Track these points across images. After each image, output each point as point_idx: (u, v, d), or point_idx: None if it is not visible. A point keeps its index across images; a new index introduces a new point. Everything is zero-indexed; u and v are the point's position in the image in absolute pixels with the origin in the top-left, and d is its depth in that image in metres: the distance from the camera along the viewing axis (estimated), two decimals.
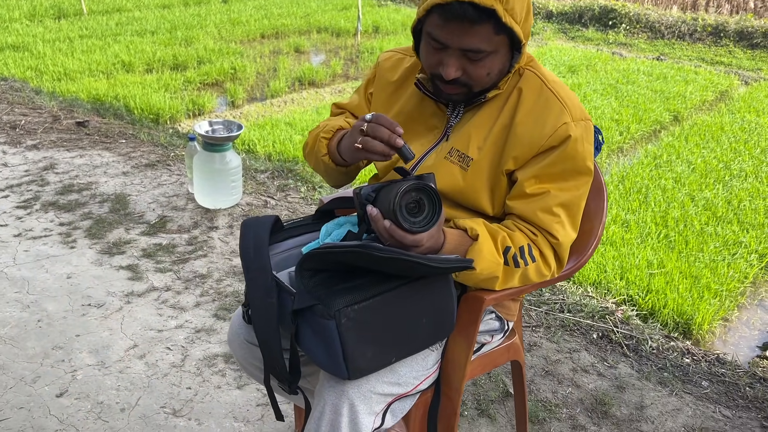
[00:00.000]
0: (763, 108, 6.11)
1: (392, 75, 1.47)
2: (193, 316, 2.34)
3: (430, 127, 1.40)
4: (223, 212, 3.10)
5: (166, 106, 5.14)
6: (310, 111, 5.49)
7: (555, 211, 1.28)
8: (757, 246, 3.58)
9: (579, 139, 1.28)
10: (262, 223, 1.35)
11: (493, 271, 1.25)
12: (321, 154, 1.40)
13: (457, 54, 1.22)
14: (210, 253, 2.76)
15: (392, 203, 1.09)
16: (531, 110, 1.30)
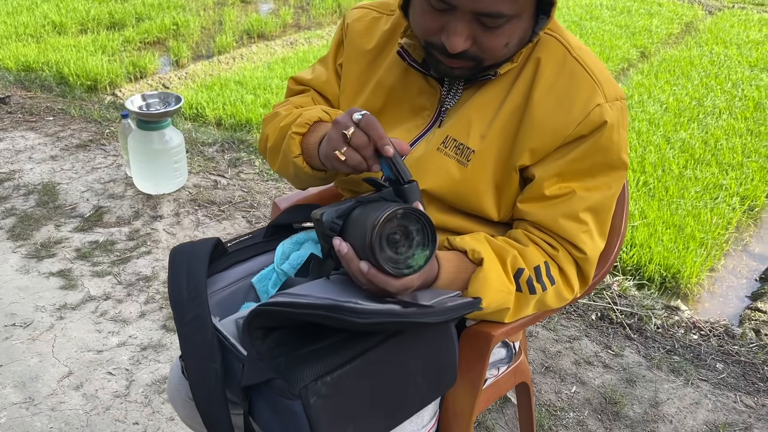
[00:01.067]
0: (729, 39, 5.96)
1: (367, 41, 1.13)
2: (137, 329, 2.03)
3: (417, 109, 1.08)
4: (167, 198, 2.75)
5: (104, 71, 4.68)
6: (261, 67, 5.11)
7: (581, 217, 1.00)
8: (737, 188, 3.49)
9: (615, 126, 0.98)
10: (197, 253, 1.03)
11: (504, 302, 0.98)
12: (293, 155, 1.04)
13: (467, 18, 0.90)
14: (154, 249, 2.42)
15: (369, 237, 0.78)
16: (553, 87, 0.99)
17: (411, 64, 1.04)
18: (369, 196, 0.89)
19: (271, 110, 1.20)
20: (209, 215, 2.64)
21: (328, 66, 1.20)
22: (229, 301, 1.10)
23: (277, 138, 1.10)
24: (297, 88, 1.23)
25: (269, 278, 1.12)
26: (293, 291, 0.86)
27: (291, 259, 1.10)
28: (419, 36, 0.98)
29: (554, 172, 1.00)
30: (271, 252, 1.16)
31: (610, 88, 0.99)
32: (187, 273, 0.99)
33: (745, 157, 3.79)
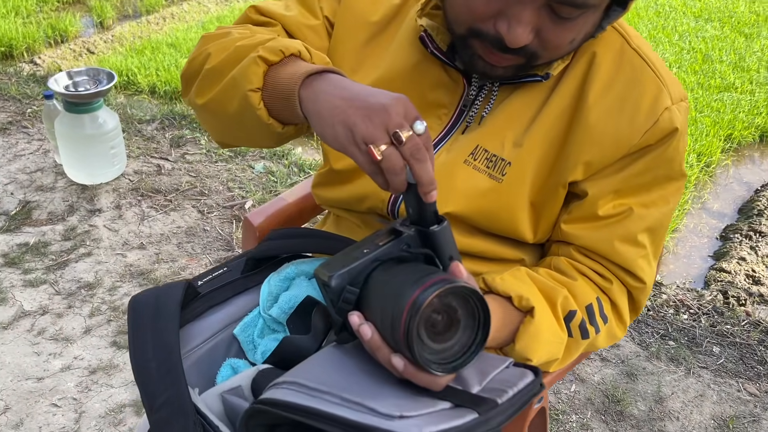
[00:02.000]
0: None
1: (372, 11, 0.90)
2: (83, 348, 1.79)
3: (430, 105, 0.88)
4: (105, 188, 2.45)
5: (20, 35, 4.26)
6: (195, 27, 4.76)
7: (640, 240, 0.85)
8: (693, 145, 3.46)
9: (683, 133, 0.83)
10: (164, 306, 0.81)
11: (554, 354, 0.83)
12: (248, 86, 0.73)
13: (538, 4, 0.70)
14: (95, 250, 2.15)
15: (404, 328, 0.58)
16: (610, 86, 0.82)
17: (433, 52, 0.83)
18: (388, 249, 0.68)
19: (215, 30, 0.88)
20: (155, 206, 2.38)
21: (314, 11, 0.92)
22: (208, 360, 0.89)
23: (225, 60, 0.78)
24: (259, 18, 0.91)
25: (254, 325, 0.92)
26: (298, 376, 0.67)
27: (281, 301, 0.90)
28: (460, 19, 0.76)
29: (611, 189, 0.84)
30: (253, 290, 0.95)
31: (675, 87, 0.83)
32: (153, 336, 0.78)
33: (698, 112, 3.77)
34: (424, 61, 0.87)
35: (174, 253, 2.15)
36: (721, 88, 4.11)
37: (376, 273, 0.66)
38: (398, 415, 0.59)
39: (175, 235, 2.23)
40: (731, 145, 3.60)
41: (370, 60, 0.90)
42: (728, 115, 3.76)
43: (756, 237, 2.91)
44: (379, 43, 0.90)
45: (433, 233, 0.67)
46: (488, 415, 0.62)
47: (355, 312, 0.65)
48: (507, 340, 0.81)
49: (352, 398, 0.62)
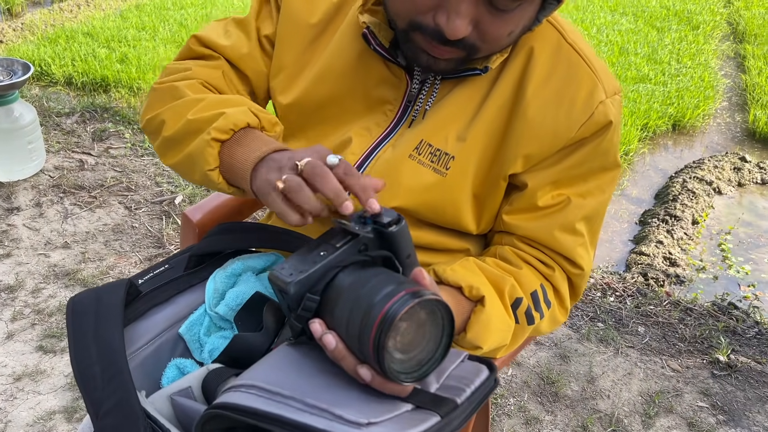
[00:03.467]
0: None
1: (309, 13, 0.90)
2: (6, 355, 1.69)
3: (376, 102, 0.89)
4: (23, 185, 2.32)
5: None
6: (113, 16, 4.57)
7: (578, 228, 0.88)
8: None
9: (617, 126, 0.86)
10: (105, 306, 0.78)
11: (503, 341, 0.85)
12: (207, 167, 0.79)
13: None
14: (15, 250, 2.04)
15: (373, 342, 0.58)
16: (548, 81, 0.84)
17: (377, 49, 0.84)
18: (346, 252, 0.66)
19: (164, 76, 0.92)
20: (78, 203, 2.27)
21: (250, 34, 0.94)
22: (153, 361, 0.86)
23: (181, 131, 0.83)
24: (201, 50, 0.95)
25: (200, 324, 0.90)
26: (256, 378, 0.65)
27: (228, 298, 0.88)
28: (401, 13, 0.77)
29: (549, 180, 0.86)
30: (198, 288, 0.93)
31: (609, 81, 0.86)
32: (95, 339, 0.75)
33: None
34: (366, 57, 0.87)
35: (101, 252, 2.06)
36: (636, 80, 4.29)
37: (337, 279, 0.65)
38: (365, 422, 0.59)
39: (102, 233, 2.14)
40: (647, 133, 3.77)
41: (313, 59, 0.90)
42: (644, 105, 3.93)
43: (671, 221, 3.06)
44: (321, 42, 0.90)
45: (392, 234, 0.67)
46: (450, 417, 0.63)
47: (317, 320, 0.64)
48: (459, 330, 0.82)
49: (317, 404, 0.61)
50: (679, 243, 2.94)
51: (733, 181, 3.45)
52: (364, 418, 0.58)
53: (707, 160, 3.57)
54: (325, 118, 0.91)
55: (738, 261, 2.77)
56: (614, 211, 3.13)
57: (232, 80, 0.94)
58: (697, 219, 3.11)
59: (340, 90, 0.89)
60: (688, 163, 3.59)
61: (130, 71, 3.52)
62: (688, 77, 4.34)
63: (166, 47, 3.98)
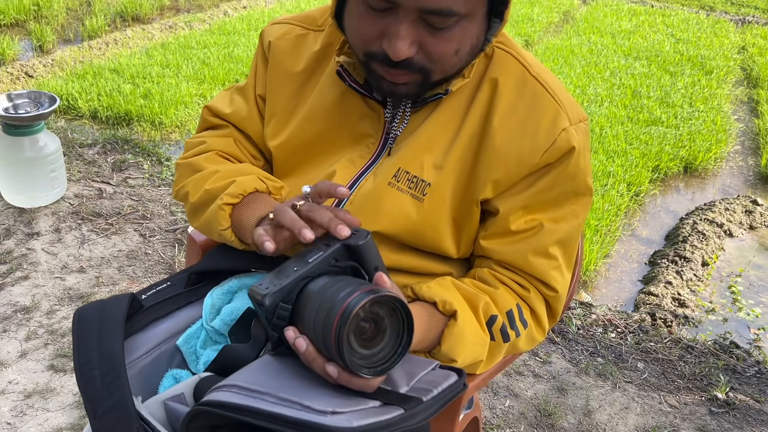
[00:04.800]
0: (604, 28, 6.26)
1: (295, 62, 0.99)
2: (18, 373, 1.75)
3: (359, 136, 0.95)
4: (44, 211, 2.42)
5: None
6: (139, 53, 4.75)
7: (551, 252, 0.92)
8: (624, 175, 3.65)
9: (581, 151, 0.91)
10: (108, 316, 0.84)
11: (478, 355, 0.89)
12: (220, 227, 0.91)
13: (412, 19, 0.78)
14: (32, 273, 2.12)
15: (334, 338, 0.64)
16: (513, 111, 0.89)
17: (351, 85, 0.91)
18: (317, 265, 0.74)
19: (186, 151, 1.05)
20: (95, 230, 2.36)
21: (248, 98, 1.05)
22: (151, 370, 0.92)
23: (201, 199, 0.96)
24: (213, 120, 1.08)
25: (197, 337, 0.95)
26: (237, 379, 0.71)
27: (223, 314, 0.94)
28: (357, 46, 0.85)
29: (520, 205, 0.91)
30: (196, 304, 0.99)
31: (573, 110, 0.92)
32: (98, 345, 0.81)
33: (627, 144, 3.97)
34: (347, 96, 0.94)
35: (115, 277, 2.14)
36: (648, 122, 4.34)
37: (307, 288, 0.72)
38: (330, 411, 0.64)
39: (116, 258, 2.22)
40: (658, 175, 3.79)
41: (300, 104, 0.98)
42: (656, 147, 3.96)
43: (681, 262, 3.07)
44: (308, 89, 0.98)
45: (358, 247, 0.74)
46: (413, 411, 0.67)
47: (290, 327, 0.71)
48: (434, 343, 0.86)
49: (288, 397, 0.67)
50: (688, 284, 2.94)
51: (744, 223, 3.45)
52: (330, 407, 0.64)
53: (718, 203, 3.58)
54: (313, 154, 0.98)
55: (748, 303, 2.76)
56: (624, 251, 3.14)
57: (243, 144, 1.05)
58: (707, 261, 3.11)
59: (326, 127, 0.96)
60: (699, 205, 3.60)
61: (152, 106, 3.65)
62: (701, 121, 4.37)
63: (188, 84, 4.12)
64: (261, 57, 1.03)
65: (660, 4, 7.41)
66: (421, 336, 0.83)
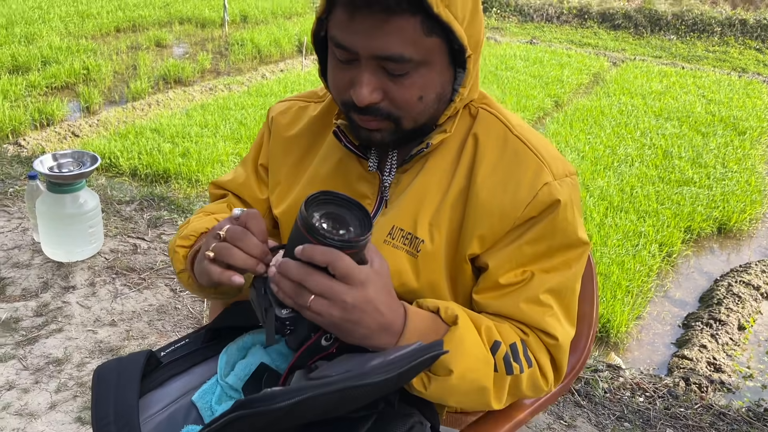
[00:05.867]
0: (634, 89, 6.30)
1: (297, 130, 1.06)
2: (47, 424, 1.80)
3: (358, 197, 0.98)
4: (80, 265, 2.51)
5: (6, 118, 4.37)
6: (179, 114, 4.94)
7: (543, 300, 0.91)
8: (655, 235, 3.62)
9: (568, 204, 0.92)
10: (125, 372, 0.88)
11: (483, 376, 0.86)
12: (177, 271, 0.97)
13: (371, 66, 0.83)
14: (66, 326, 2.19)
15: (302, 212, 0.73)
16: (496, 167, 0.92)
17: (347, 146, 0.96)
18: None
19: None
20: (128, 284, 2.43)
21: (247, 166, 1.12)
22: (167, 425, 0.94)
23: (171, 253, 1.02)
24: (217, 192, 1.15)
25: (212, 392, 0.98)
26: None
27: (237, 369, 0.96)
28: (335, 97, 0.91)
29: (508, 259, 0.92)
30: (212, 360, 1.02)
31: (557, 165, 0.94)
32: (114, 401, 0.85)
33: (659, 204, 3.95)
34: (345, 159, 1.00)
35: (144, 331, 2.19)
36: (680, 182, 4.31)
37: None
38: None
39: (147, 312, 2.28)
40: (691, 236, 3.74)
41: (304, 172, 1.04)
42: (688, 207, 3.93)
43: (716, 325, 2.99)
44: (310, 155, 1.04)
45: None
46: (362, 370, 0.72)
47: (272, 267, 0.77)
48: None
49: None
50: (724, 348, 2.86)
51: None
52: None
53: (755, 265, 3.51)
54: None
55: None
56: (656, 313, 3.09)
57: (237, 206, 1.09)
58: (744, 324, 3.03)
59: (327, 187, 1.00)
60: (735, 267, 3.53)
61: (190, 164, 3.78)
62: (734, 181, 4.33)
63: (226, 143, 4.26)
64: (265, 129, 1.10)
65: (691, 66, 7.45)
66: (420, 336, 0.82)
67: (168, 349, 1.01)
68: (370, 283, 0.75)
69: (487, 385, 0.86)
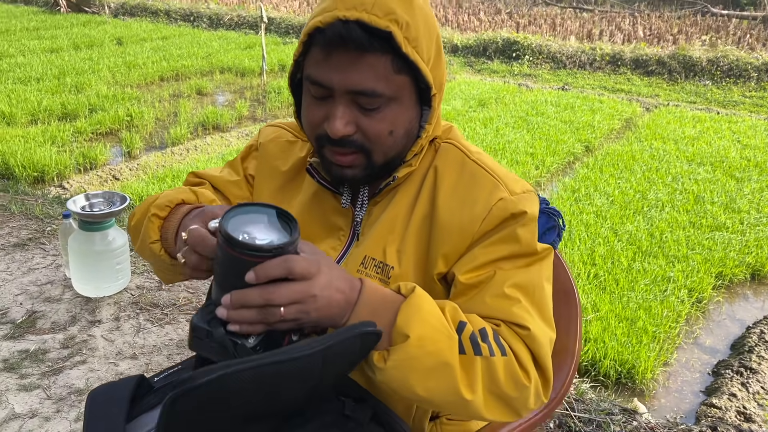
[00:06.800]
0: (667, 134, 6.25)
1: (282, 163, 1.12)
2: None
3: (332, 228, 1.06)
4: (107, 301, 2.62)
5: (53, 162, 4.60)
6: (215, 158, 5.11)
7: (509, 293, 0.92)
8: (684, 281, 3.56)
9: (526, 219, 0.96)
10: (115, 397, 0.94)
11: (443, 349, 0.83)
12: (149, 240, 0.96)
13: (345, 100, 0.90)
14: (90, 358, 2.27)
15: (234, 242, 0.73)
16: (455, 189, 0.98)
17: (320, 182, 1.03)
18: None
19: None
20: (151, 319, 2.52)
21: (236, 169, 1.16)
22: None
23: (139, 217, 1.02)
24: (194, 181, 1.17)
25: None
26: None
27: None
28: (308, 133, 0.97)
29: (469, 260, 0.96)
30: None
31: (512, 183, 0.99)
32: (104, 422, 0.90)
33: (689, 249, 3.89)
34: (320, 194, 1.06)
35: (163, 364, 2.25)
36: (712, 228, 4.24)
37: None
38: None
39: (167, 346, 2.35)
40: (723, 282, 3.67)
41: (286, 200, 1.10)
42: (719, 253, 3.86)
43: (747, 373, 2.91)
44: (292, 188, 1.11)
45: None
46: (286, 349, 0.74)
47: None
48: (387, 324, 0.84)
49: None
50: (755, 397, 2.77)
51: None
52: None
53: None
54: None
55: None
56: (685, 360, 3.03)
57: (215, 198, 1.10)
58: None
59: (302, 219, 1.05)
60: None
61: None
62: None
63: None
64: (255, 147, 1.16)
65: (727, 111, 7.38)
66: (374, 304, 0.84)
67: (161, 375, 1.07)
68: (322, 265, 0.79)
69: (450, 361, 0.83)
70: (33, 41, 9.28)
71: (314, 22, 0.87)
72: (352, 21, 0.84)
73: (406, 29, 0.87)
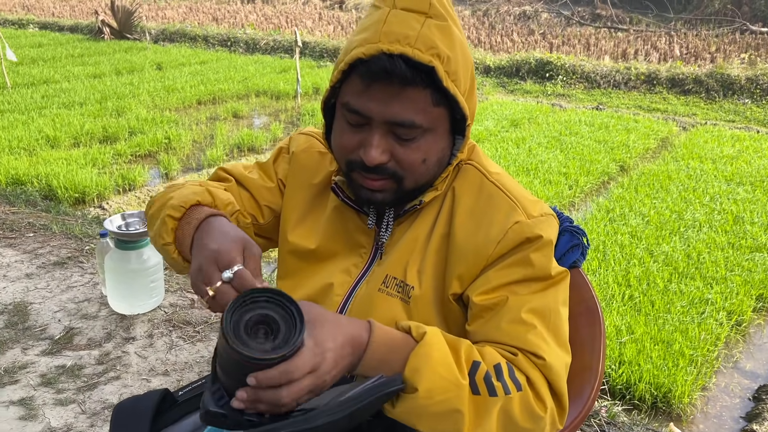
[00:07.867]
0: (704, 154, 6.13)
1: (313, 175, 1.12)
2: None
3: (354, 246, 1.07)
4: (141, 318, 2.68)
5: (93, 183, 4.74)
6: None
7: (524, 318, 0.92)
8: (723, 303, 3.47)
9: (540, 242, 0.96)
10: (139, 410, 0.97)
11: (453, 398, 0.82)
12: (162, 242, 0.95)
13: (382, 130, 0.91)
14: (124, 374, 2.32)
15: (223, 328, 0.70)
16: (471, 211, 0.99)
17: (344, 200, 1.04)
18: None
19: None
20: (183, 336, 2.56)
21: (270, 175, 1.14)
22: None
23: (155, 211, 1.00)
24: (224, 176, 1.13)
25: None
26: None
27: None
28: (339, 157, 0.98)
29: (483, 282, 0.96)
30: None
31: (530, 206, 0.99)
32: None
33: (728, 270, 3.80)
34: (344, 212, 1.07)
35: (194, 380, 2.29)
36: (752, 249, 4.14)
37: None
38: None
39: (198, 363, 2.39)
40: (764, 304, 3.57)
41: (311, 215, 1.11)
42: (760, 274, 3.76)
43: None
44: (320, 202, 1.11)
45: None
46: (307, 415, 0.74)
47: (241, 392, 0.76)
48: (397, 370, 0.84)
49: None
50: None
51: None
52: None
53: None
54: (316, 261, 1.08)
55: None
56: (724, 385, 2.94)
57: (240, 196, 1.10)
58: None
59: (325, 236, 1.07)
60: None
61: None
62: None
63: None
64: (285, 152, 1.15)
65: (767, 130, 7.22)
66: (381, 356, 0.83)
67: (185, 389, 1.09)
68: (326, 351, 0.77)
69: (459, 408, 0.82)
70: (77, 67, 9.61)
71: (356, 52, 0.87)
72: (396, 55, 0.86)
73: (447, 63, 0.88)
